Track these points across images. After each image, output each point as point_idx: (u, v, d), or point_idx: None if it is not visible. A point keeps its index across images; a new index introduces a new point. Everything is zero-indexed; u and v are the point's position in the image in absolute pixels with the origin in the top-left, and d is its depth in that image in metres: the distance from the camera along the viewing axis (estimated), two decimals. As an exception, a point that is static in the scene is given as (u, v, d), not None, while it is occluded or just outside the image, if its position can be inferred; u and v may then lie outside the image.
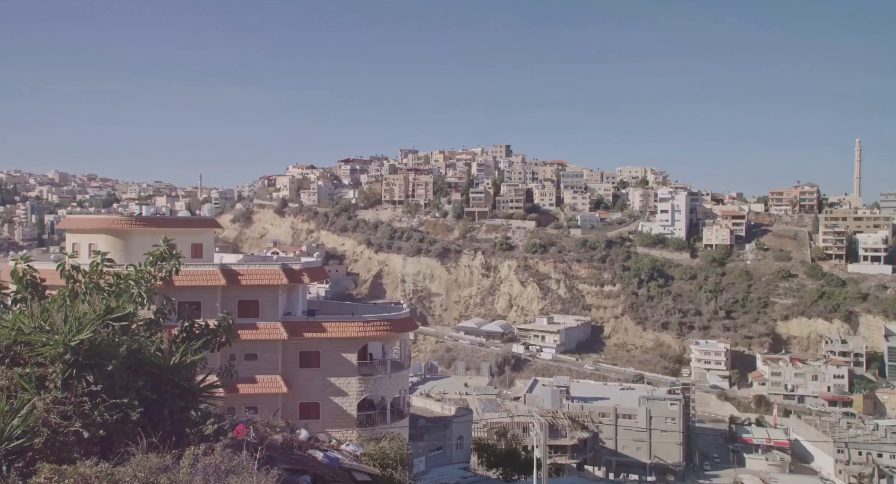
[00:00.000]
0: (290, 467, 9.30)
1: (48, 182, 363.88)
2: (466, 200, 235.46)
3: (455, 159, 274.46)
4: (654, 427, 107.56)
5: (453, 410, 64.55)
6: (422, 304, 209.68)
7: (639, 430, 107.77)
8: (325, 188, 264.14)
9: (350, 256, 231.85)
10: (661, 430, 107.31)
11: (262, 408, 39.90)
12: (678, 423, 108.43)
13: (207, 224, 57.79)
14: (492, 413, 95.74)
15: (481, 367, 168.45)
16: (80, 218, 59.07)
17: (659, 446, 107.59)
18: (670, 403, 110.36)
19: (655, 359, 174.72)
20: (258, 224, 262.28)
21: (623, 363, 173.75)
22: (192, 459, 6.45)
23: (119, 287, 10.42)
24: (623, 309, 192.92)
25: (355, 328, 46.88)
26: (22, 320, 7.66)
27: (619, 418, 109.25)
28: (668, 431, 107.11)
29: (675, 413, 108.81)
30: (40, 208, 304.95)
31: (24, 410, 6.65)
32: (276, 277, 45.64)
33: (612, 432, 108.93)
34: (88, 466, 5.91)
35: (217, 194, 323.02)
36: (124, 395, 7.47)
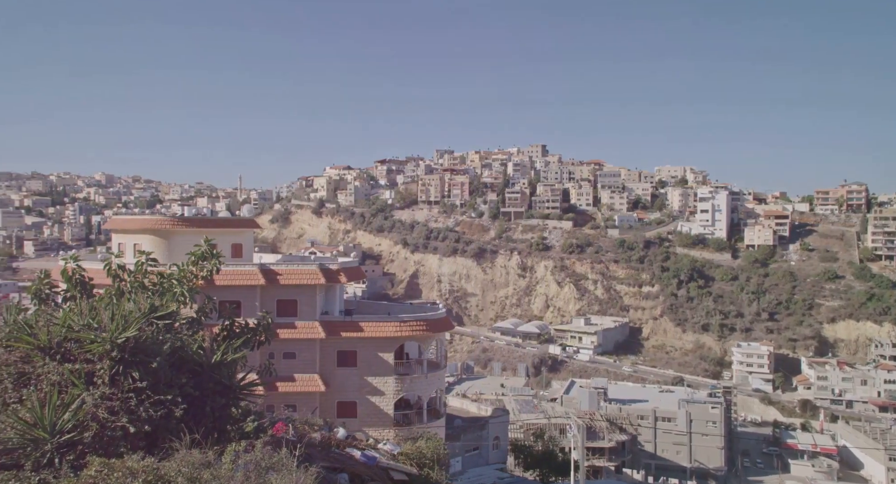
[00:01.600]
0: (329, 465, 9.38)
1: (95, 184, 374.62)
2: (502, 200, 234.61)
3: (491, 159, 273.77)
4: (694, 430, 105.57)
5: (490, 411, 64.36)
6: (458, 304, 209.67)
7: (679, 433, 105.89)
8: (361, 189, 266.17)
9: (386, 256, 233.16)
10: (702, 433, 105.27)
11: (301, 406, 40.42)
12: (719, 426, 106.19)
13: (247, 224, 58.74)
14: (528, 414, 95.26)
15: (517, 367, 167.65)
16: (126, 218, 60.63)
17: (699, 450, 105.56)
18: (711, 407, 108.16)
19: (695, 361, 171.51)
20: (296, 224, 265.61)
21: (662, 365, 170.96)
22: (233, 456, 6.56)
23: (162, 286, 10.67)
24: (662, 310, 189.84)
25: (392, 328, 47.07)
26: (71, 318, 7.89)
27: (658, 421, 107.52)
28: (708, 435, 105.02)
29: (717, 416, 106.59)
30: (88, 209, 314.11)
31: (75, 405, 6.86)
32: (314, 277, 46.11)
33: (651, 435, 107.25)
34: (135, 460, 6.06)
35: (256, 195, 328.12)
36: (168, 391, 7.63)
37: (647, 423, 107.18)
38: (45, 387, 7.24)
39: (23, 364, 7.55)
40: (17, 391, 7.37)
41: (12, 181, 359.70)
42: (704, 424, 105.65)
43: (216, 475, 6.05)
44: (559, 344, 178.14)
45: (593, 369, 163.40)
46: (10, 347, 7.67)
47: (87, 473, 5.75)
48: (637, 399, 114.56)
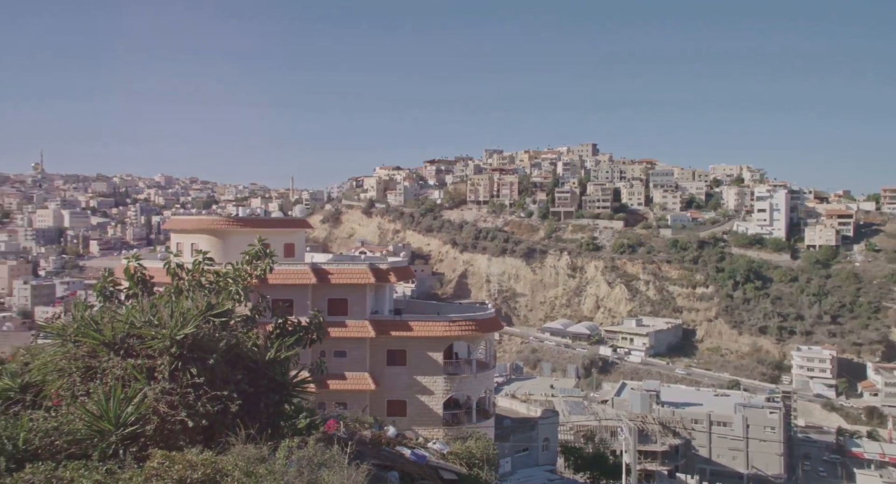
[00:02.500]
0: (379, 463, 9.46)
1: (155, 185, 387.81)
2: (552, 200, 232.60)
3: (540, 159, 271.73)
4: (751, 436, 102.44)
5: (539, 412, 63.90)
6: (507, 304, 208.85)
7: (734, 438, 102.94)
8: (410, 189, 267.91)
9: (435, 256, 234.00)
10: (759, 439, 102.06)
11: (351, 404, 40.97)
12: (778, 432, 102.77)
13: (299, 224, 59.83)
14: (578, 416, 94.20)
15: (567, 368, 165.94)
16: (183, 219, 62.57)
17: (757, 456, 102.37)
18: (769, 412, 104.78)
19: (752, 364, 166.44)
20: (346, 224, 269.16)
21: (717, 368, 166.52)
22: (286, 451, 6.68)
23: (218, 285, 10.96)
24: (717, 312, 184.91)
25: (441, 327, 47.22)
26: (134, 315, 8.18)
27: (713, 425, 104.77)
28: (766, 441, 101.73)
29: (775, 422, 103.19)
30: (148, 210, 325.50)
31: (137, 399, 7.12)
32: (364, 276, 46.63)
33: (706, 440, 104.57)
34: (194, 453, 6.24)
35: (308, 195, 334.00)
36: (224, 387, 7.83)
37: (701, 427, 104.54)
38: (109, 381, 7.53)
39: (90, 359, 7.88)
40: (84, 384, 7.69)
41: (79, 183, 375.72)
42: (762, 430, 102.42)
43: (271, 470, 6.18)
44: (610, 345, 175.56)
45: (645, 371, 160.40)
46: (78, 342, 8.02)
47: (150, 465, 5.96)
48: (691, 402, 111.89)
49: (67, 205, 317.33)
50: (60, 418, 6.96)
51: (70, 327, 8.28)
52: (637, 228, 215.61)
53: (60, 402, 7.55)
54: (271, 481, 5.96)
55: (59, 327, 8.40)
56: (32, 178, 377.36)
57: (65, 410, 7.21)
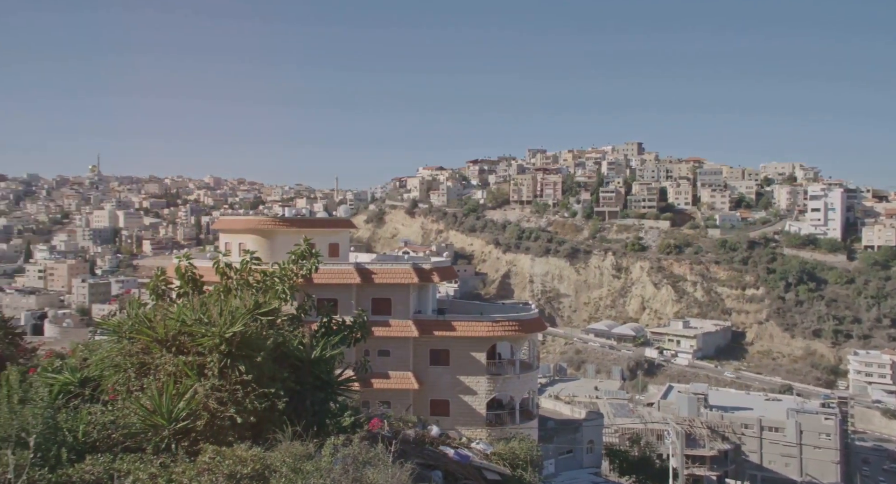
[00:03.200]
0: (423, 462, 9.50)
1: (205, 186, 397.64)
2: (596, 200, 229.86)
3: (584, 158, 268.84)
4: (805, 442, 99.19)
5: (583, 414, 63.19)
6: (550, 304, 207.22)
7: (787, 444, 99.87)
8: (453, 189, 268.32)
9: (478, 256, 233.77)
10: (814, 446, 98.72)
11: (395, 403, 41.20)
12: (834, 439, 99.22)
13: (343, 224, 60.53)
14: (624, 418, 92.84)
15: (612, 370, 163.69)
16: (231, 219, 63.91)
17: (811, 464, 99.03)
18: (824, 418, 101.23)
19: (806, 369, 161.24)
20: (390, 224, 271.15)
21: (768, 372, 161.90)
22: (332, 449, 6.75)
23: (265, 284, 11.16)
24: (768, 314, 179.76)
25: (484, 328, 47.14)
26: (185, 313, 8.39)
27: (763, 431, 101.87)
28: (821, 448, 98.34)
29: (831, 428, 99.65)
30: (198, 210, 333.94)
31: (188, 395, 7.31)
32: (408, 276, 46.88)
33: (757, 445, 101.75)
34: (244, 449, 6.38)
35: (352, 196, 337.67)
36: (271, 385, 7.97)
37: (752, 432, 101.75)
38: (162, 377, 7.75)
39: (143, 355, 8.13)
40: (139, 380, 7.94)
41: (133, 185, 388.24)
42: (817, 436, 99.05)
43: (317, 467, 6.27)
44: (656, 347, 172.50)
45: (692, 374, 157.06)
46: (132, 339, 8.28)
47: (201, 460, 6.12)
48: (741, 407, 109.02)
49: (122, 206, 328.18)
50: (116, 412, 7.20)
51: (125, 325, 8.55)
52: (684, 228, 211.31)
53: (116, 396, 7.81)
54: (318, 478, 6.04)
55: (115, 324, 8.68)
56: (90, 180, 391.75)
57: (120, 405, 7.46)
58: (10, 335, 12.14)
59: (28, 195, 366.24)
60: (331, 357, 9.21)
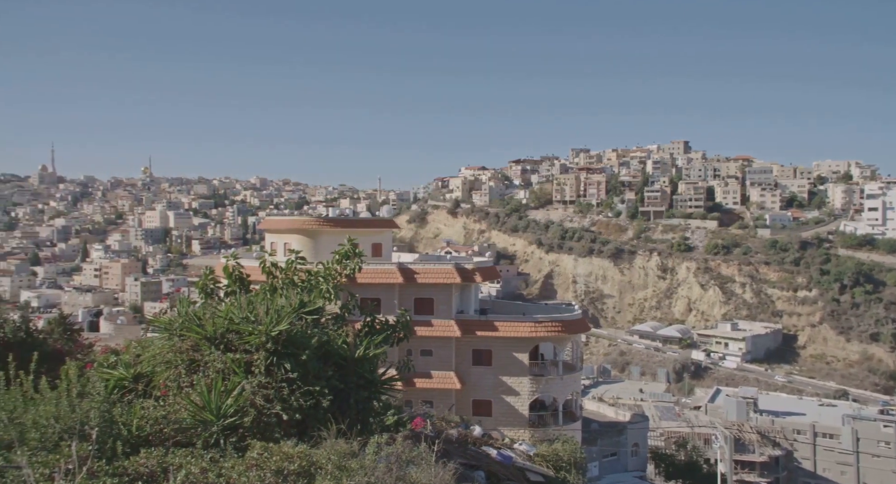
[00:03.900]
0: (466, 462, 9.50)
1: (251, 187, 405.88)
2: (641, 199, 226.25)
3: (629, 157, 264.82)
4: (862, 450, 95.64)
5: (628, 416, 62.26)
6: (594, 305, 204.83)
7: (843, 452, 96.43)
8: (496, 189, 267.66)
9: (521, 256, 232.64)
10: (872, 454, 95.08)
11: (437, 402, 41.31)
12: (894, 448, 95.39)
13: (386, 224, 61.00)
14: (669, 421, 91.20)
15: (657, 372, 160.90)
16: (277, 219, 65.03)
17: (870, 473, 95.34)
18: (884, 425, 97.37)
19: (863, 373, 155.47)
20: (432, 224, 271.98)
21: (822, 377, 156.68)
22: (376, 447, 6.80)
23: (310, 283, 11.33)
24: (821, 317, 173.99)
25: (527, 328, 46.90)
26: (233, 311, 8.57)
27: (817, 437, 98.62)
28: (881, 457, 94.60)
29: (891, 436, 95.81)
30: (244, 211, 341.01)
31: (236, 392, 7.47)
32: (450, 276, 46.96)
33: (810, 452, 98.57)
34: (290, 445, 6.49)
35: (394, 196, 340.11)
36: (316, 383, 8.08)
37: (804, 438, 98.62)
38: (211, 374, 7.94)
39: (193, 352, 8.34)
40: (189, 376, 8.15)
41: (182, 186, 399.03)
42: (875, 444, 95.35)
43: (362, 465, 6.32)
44: (703, 349, 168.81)
45: (741, 378, 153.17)
46: (182, 336, 8.50)
47: (250, 455, 6.24)
48: (792, 412, 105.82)
49: (172, 206, 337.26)
50: (168, 408, 7.41)
51: (175, 322, 8.78)
52: (732, 228, 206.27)
53: (168, 392, 8.03)
54: (362, 476, 6.09)
55: (166, 322, 8.92)
56: (142, 182, 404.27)
57: (171, 400, 7.66)
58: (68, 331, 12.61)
59: (85, 196, 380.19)
60: (374, 356, 9.28)
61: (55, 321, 12.89)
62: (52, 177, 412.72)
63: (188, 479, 5.46)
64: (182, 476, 5.47)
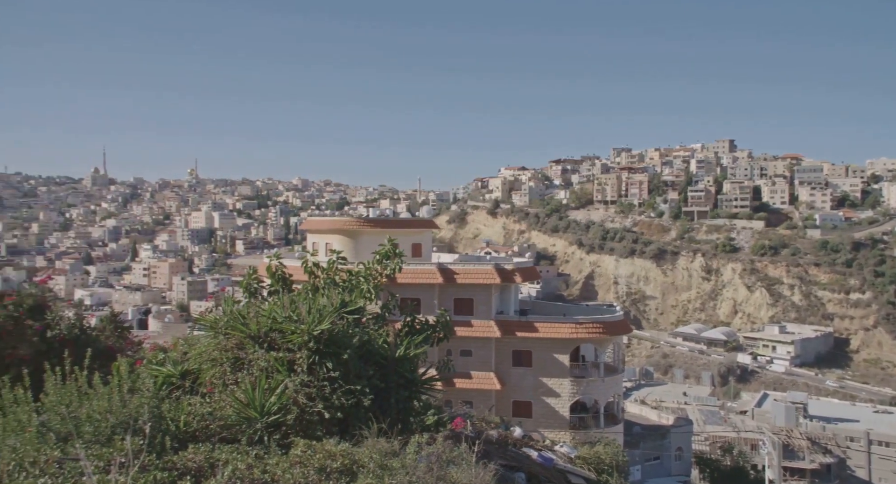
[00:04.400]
0: (506, 463, 9.45)
1: (293, 188, 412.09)
2: (684, 199, 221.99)
3: (672, 157, 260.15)
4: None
5: (671, 420, 61.16)
6: (635, 307, 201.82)
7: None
8: (536, 189, 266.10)
9: (561, 257, 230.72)
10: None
11: (477, 403, 41.30)
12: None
13: (426, 225, 61.16)
14: (715, 426, 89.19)
15: (701, 375, 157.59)
16: (318, 220, 65.86)
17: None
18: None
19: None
20: (472, 225, 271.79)
21: (876, 382, 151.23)
22: (416, 447, 6.83)
23: (351, 283, 11.44)
24: (876, 320, 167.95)
25: (567, 329, 46.50)
26: (275, 311, 8.71)
27: (872, 445, 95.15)
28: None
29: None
30: (287, 211, 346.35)
31: (279, 390, 7.59)
32: (490, 277, 46.86)
33: (865, 460, 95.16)
34: (332, 443, 6.56)
35: (434, 196, 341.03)
36: (357, 382, 8.15)
37: (858, 446, 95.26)
38: (255, 372, 8.09)
39: (238, 350, 8.51)
40: (233, 374, 8.32)
41: (227, 187, 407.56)
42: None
43: (403, 464, 6.36)
44: (749, 353, 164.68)
45: (790, 382, 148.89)
46: (227, 335, 8.68)
47: (294, 453, 6.34)
48: (845, 418, 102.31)
49: (217, 207, 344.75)
50: (213, 404, 7.57)
51: (221, 321, 8.97)
52: (780, 229, 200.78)
53: (213, 389, 8.21)
54: (403, 475, 6.12)
55: (212, 321, 9.12)
56: (188, 183, 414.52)
57: (217, 397, 7.83)
58: (119, 329, 12.97)
59: (134, 198, 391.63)
60: (414, 356, 9.32)
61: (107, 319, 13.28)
62: (103, 179, 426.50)
63: (235, 474, 5.57)
64: (229, 472, 5.58)
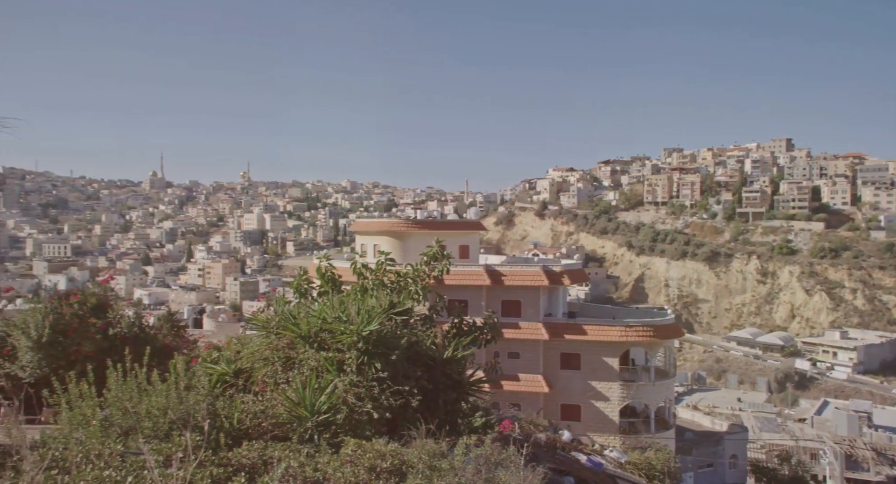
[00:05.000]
0: (555, 467, 9.36)
1: (342, 190, 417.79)
2: (738, 200, 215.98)
3: (725, 156, 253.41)
4: None
5: (725, 426, 59.58)
6: (687, 310, 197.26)
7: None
8: (584, 190, 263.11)
9: (610, 259, 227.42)
10: None
11: (525, 406, 41.01)
12: None
13: (473, 226, 61.13)
14: (771, 433, 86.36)
15: (757, 381, 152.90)
16: (367, 221, 66.51)
17: None
18: None
19: None
20: (519, 226, 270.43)
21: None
22: (464, 449, 6.82)
23: (399, 284, 11.53)
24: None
25: (617, 332, 45.81)
26: (325, 311, 8.85)
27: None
28: None
29: None
30: (336, 213, 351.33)
31: (329, 389, 7.70)
32: (538, 279, 46.53)
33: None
34: (382, 443, 6.62)
35: (481, 198, 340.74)
36: (405, 383, 8.21)
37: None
38: (305, 371, 8.23)
39: (289, 350, 8.67)
40: (285, 373, 8.48)
41: (278, 189, 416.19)
42: None
43: (451, 466, 6.36)
44: (808, 359, 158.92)
45: (852, 390, 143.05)
46: (279, 335, 8.86)
47: (344, 452, 6.42)
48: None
49: (268, 209, 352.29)
50: (265, 403, 7.73)
51: (272, 321, 9.16)
52: (841, 231, 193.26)
53: (265, 388, 8.38)
54: (452, 477, 6.12)
55: (264, 320, 9.32)
56: (241, 186, 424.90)
57: (269, 396, 7.99)
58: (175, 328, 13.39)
59: (190, 200, 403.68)
60: (462, 357, 9.33)
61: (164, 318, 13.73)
62: (161, 182, 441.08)
63: (288, 472, 5.67)
64: (282, 469, 5.68)
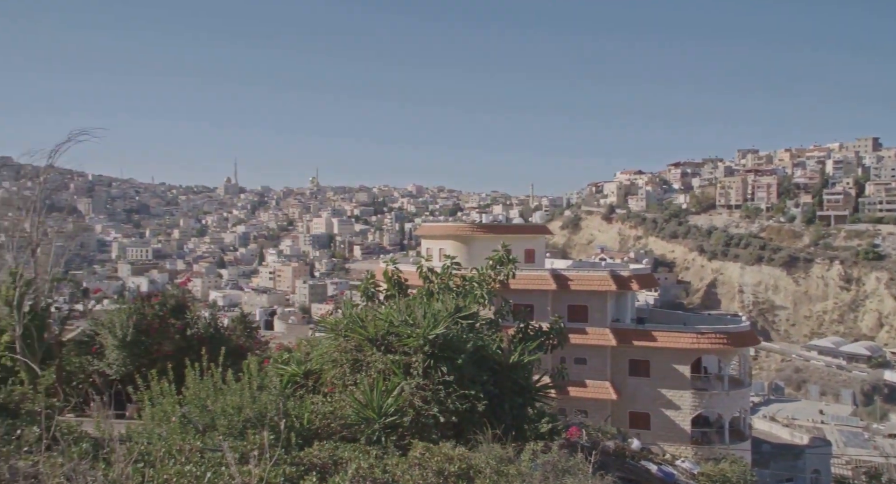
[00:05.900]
0: (624, 476, 9.15)
1: (408, 194, 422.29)
2: (819, 203, 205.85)
3: (804, 157, 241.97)
4: None
5: (806, 439, 56.83)
6: (763, 317, 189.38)
7: None
8: (653, 193, 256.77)
9: (680, 264, 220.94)
10: None
11: (592, 412, 40.34)
12: None
13: (539, 230, 60.54)
14: (858, 449, 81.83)
15: (840, 393, 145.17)
16: (432, 225, 66.91)
17: None
18: None
19: None
20: (586, 230, 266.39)
21: None
22: (531, 454, 6.76)
23: (465, 288, 11.56)
24: None
25: (688, 339, 44.46)
26: (392, 314, 8.94)
27: None
28: None
29: None
30: (402, 217, 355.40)
31: (396, 392, 7.78)
32: (605, 283, 45.70)
33: None
34: (449, 447, 6.63)
35: (547, 202, 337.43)
36: (471, 387, 8.20)
37: None
38: (373, 373, 8.34)
39: (356, 352, 8.81)
40: (352, 375, 8.62)
41: (345, 194, 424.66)
42: None
43: (519, 471, 6.31)
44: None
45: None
46: (347, 337, 9.02)
47: (412, 454, 6.47)
48: None
49: (336, 214, 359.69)
50: (334, 404, 7.88)
51: (340, 323, 9.33)
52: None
53: (334, 389, 8.55)
54: (520, 482, 6.07)
55: (332, 323, 9.50)
56: (310, 191, 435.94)
57: (337, 397, 8.14)
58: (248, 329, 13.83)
59: (261, 205, 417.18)
60: (528, 362, 9.26)
61: (237, 319, 14.21)
62: (234, 188, 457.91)
63: (358, 473, 5.75)
64: (353, 470, 5.77)
